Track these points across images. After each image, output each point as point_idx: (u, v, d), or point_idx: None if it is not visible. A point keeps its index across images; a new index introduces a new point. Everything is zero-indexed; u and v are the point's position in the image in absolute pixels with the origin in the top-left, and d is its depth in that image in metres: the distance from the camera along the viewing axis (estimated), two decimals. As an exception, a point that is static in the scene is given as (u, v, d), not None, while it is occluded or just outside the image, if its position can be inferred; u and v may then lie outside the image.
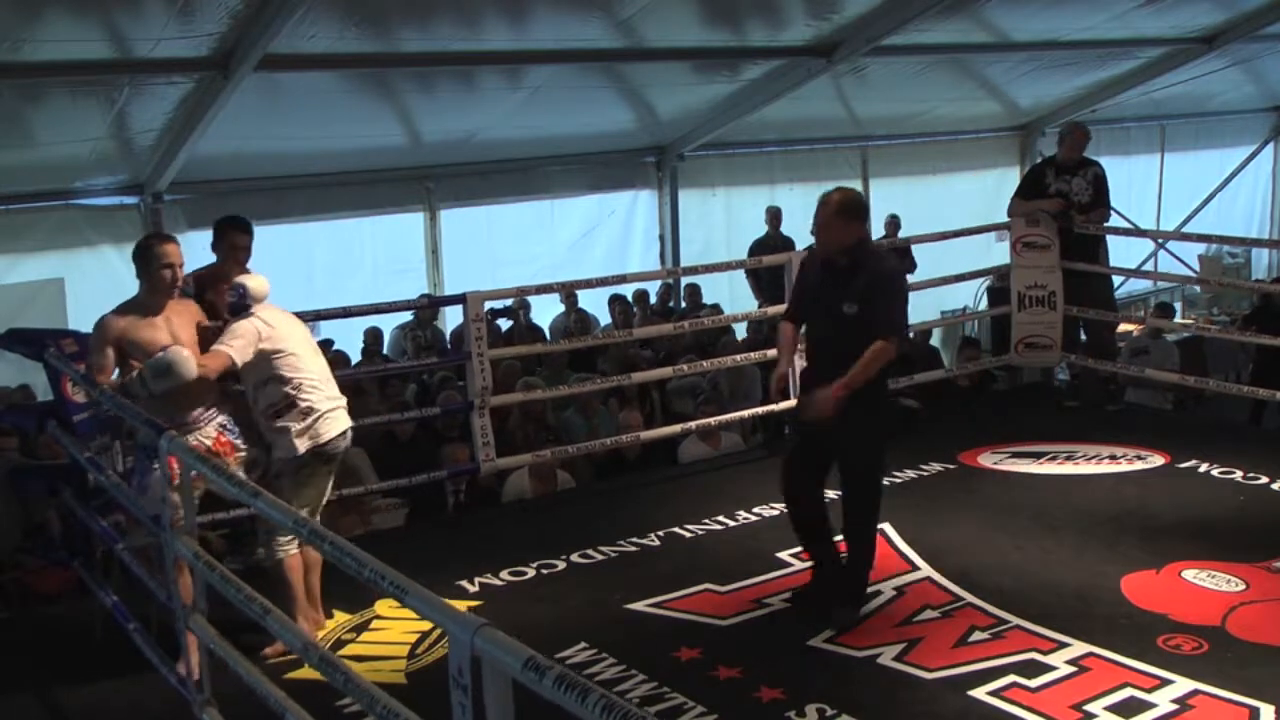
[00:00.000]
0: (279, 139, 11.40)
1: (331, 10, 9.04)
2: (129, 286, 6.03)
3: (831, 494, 6.34)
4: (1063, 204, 9.83)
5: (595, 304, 13.41)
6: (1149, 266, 15.60)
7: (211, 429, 5.92)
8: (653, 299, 13.57)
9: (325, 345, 11.03)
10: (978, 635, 6.04)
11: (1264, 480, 8.16)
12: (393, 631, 6.30)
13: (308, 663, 4.14)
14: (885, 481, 6.85)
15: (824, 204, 6.06)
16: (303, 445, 6.02)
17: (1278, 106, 19.52)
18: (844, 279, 6.01)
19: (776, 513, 7.85)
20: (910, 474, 8.52)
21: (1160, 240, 15.20)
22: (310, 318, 8.39)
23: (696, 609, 6.50)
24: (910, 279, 13.09)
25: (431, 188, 13.17)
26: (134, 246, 6.05)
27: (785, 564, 7.01)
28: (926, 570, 6.82)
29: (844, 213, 6.01)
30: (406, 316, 12.50)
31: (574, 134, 13.24)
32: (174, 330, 5.93)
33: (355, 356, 11.40)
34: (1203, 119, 18.69)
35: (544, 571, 7.08)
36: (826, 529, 6.37)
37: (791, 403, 7.26)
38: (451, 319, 12.60)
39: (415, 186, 13.14)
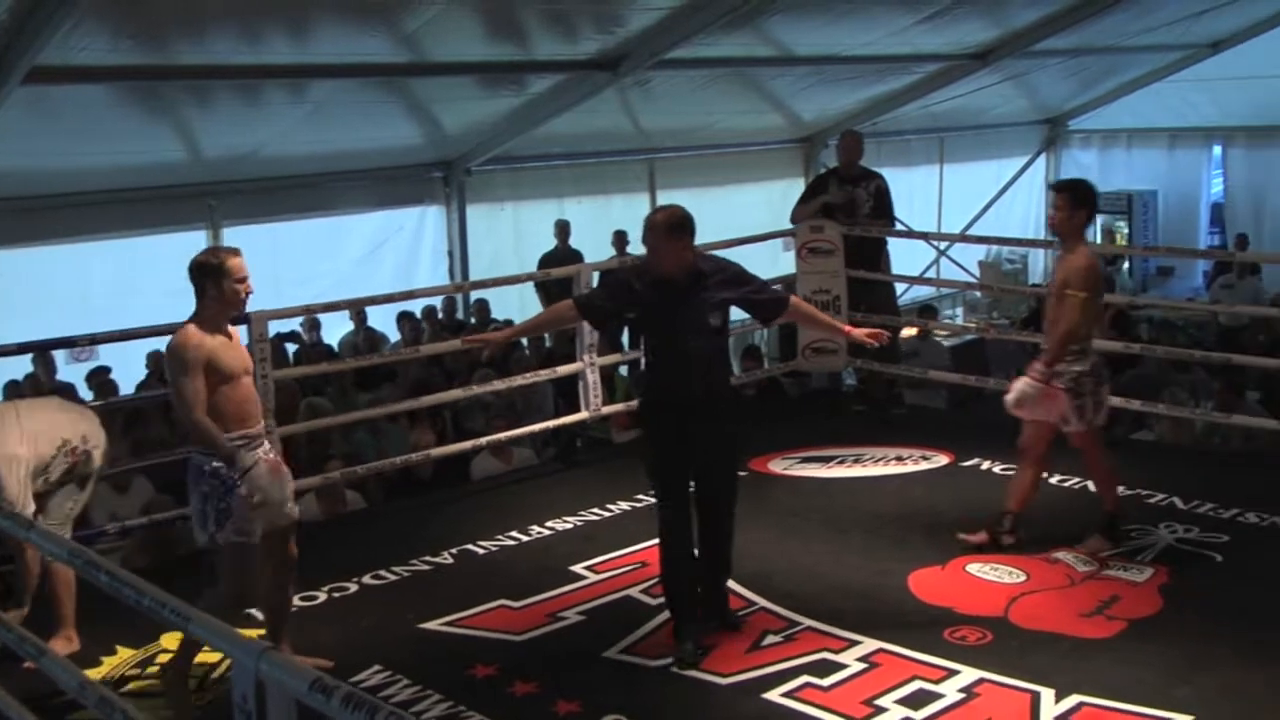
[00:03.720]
0: (51, 155, 10.94)
1: (103, 22, 8.73)
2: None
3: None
4: (846, 196, 10.02)
5: (385, 322, 13.24)
6: (931, 273, 15.99)
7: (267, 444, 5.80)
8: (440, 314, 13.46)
9: (102, 372, 10.75)
10: (770, 639, 6.11)
11: (1042, 475, 8.40)
12: (179, 665, 6.11)
13: (85, 703, 3.97)
14: None
15: (650, 226, 5.98)
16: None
17: (1048, 119, 20.28)
18: (693, 293, 5.98)
19: (570, 526, 7.87)
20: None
21: (940, 245, 15.59)
22: (85, 342, 8.15)
23: (491, 625, 6.44)
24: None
25: (214, 205, 12.78)
26: (195, 261, 5.67)
27: (579, 577, 7.00)
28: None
29: (673, 231, 5.93)
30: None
31: (360, 149, 13.03)
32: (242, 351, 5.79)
33: (134, 383, 11.05)
34: (979, 131, 19.28)
35: (335, 595, 6.93)
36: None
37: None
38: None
39: (197, 204, 12.72)
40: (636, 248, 10.26)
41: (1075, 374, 6.74)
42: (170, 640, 6.19)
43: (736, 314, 6.42)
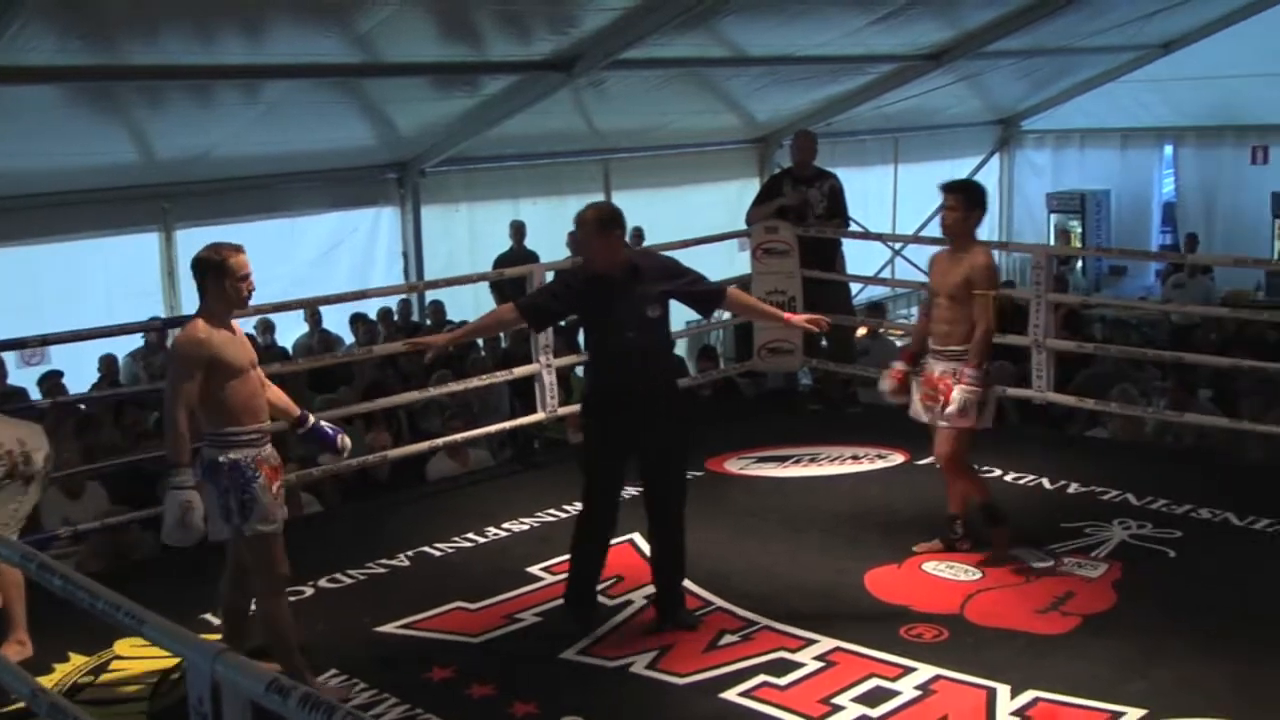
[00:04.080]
0: (0, 157, 10.86)
1: (52, 22, 8.66)
2: None
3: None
4: (800, 198, 10.05)
5: (341, 325, 13.17)
6: (886, 273, 16.05)
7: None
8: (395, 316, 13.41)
9: (54, 376, 10.63)
10: (728, 639, 6.10)
11: (997, 472, 8.46)
12: (133, 672, 6.03)
13: (37, 711, 3.92)
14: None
15: (581, 223, 6.07)
16: None
17: (1002, 120, 20.40)
18: (629, 287, 6.03)
19: (526, 527, 7.84)
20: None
21: (895, 245, 15.65)
22: (36, 343, 8.06)
23: (448, 628, 6.41)
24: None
25: (167, 207, 12.70)
26: (196, 257, 5.60)
27: (536, 578, 6.98)
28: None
29: (603, 227, 6.01)
30: (140, 342, 12.08)
31: (314, 150, 12.98)
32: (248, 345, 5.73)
33: (86, 386, 10.94)
34: (933, 131, 19.37)
35: (291, 599, 6.82)
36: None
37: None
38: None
39: (149, 206, 12.65)
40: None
41: (981, 373, 6.72)
42: (124, 646, 6.15)
43: (694, 312, 6.45)
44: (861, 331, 12.34)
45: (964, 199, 6.79)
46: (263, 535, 5.56)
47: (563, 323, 8.40)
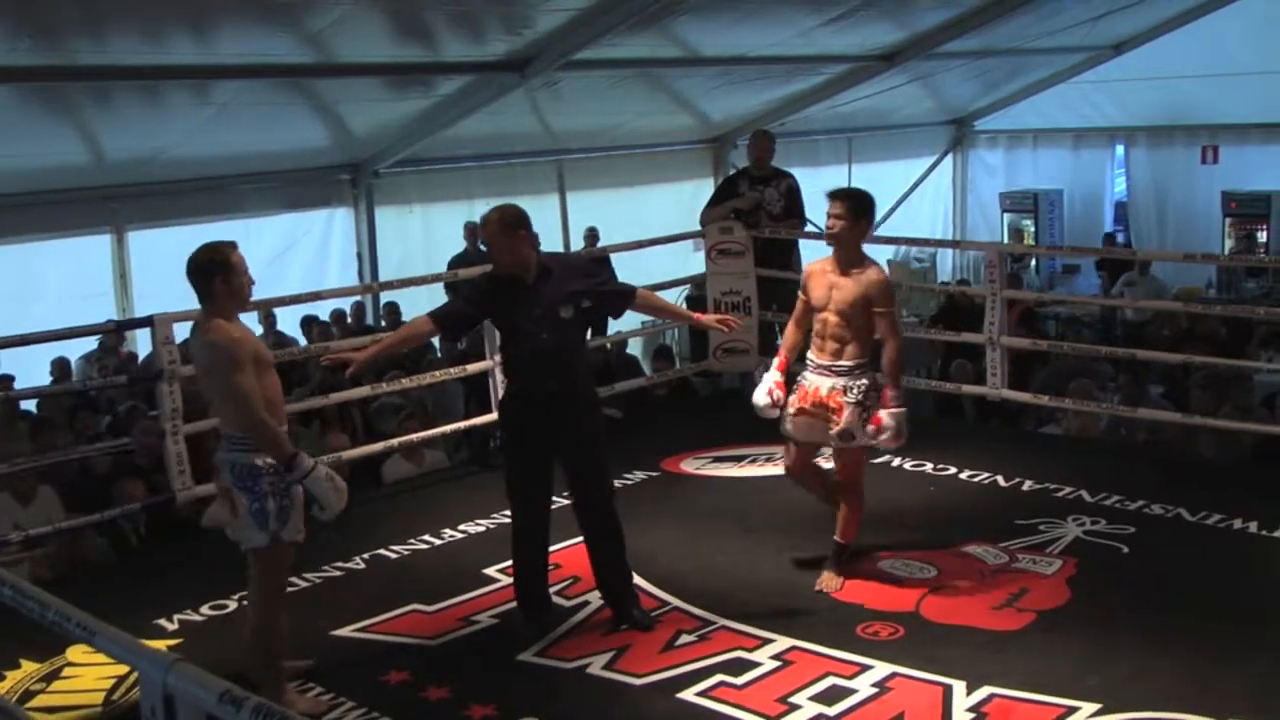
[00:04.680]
0: (-55, 158, 10.75)
1: (1, 21, 8.57)
2: None
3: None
4: (754, 201, 10.07)
5: (295, 327, 13.09)
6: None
7: None
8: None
9: (5, 381, 10.50)
10: (685, 638, 6.11)
11: (952, 470, 8.52)
12: (86, 678, 5.98)
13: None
14: None
15: (485, 224, 6.14)
16: None
17: (955, 120, 20.49)
18: (540, 288, 6.07)
19: (483, 529, 7.83)
20: (614, 483, 8.54)
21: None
22: (-14, 346, 7.98)
23: (404, 630, 6.40)
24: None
25: (117, 209, 12.58)
26: (197, 259, 5.47)
27: (492, 580, 6.97)
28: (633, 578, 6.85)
29: (507, 229, 6.02)
30: (93, 345, 11.97)
31: (266, 151, 12.89)
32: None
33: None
34: (887, 132, 19.43)
35: (245, 603, 6.80)
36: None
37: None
38: (146, 346, 12.08)
39: (100, 207, 12.51)
40: (543, 247, 10.23)
41: (864, 387, 6.47)
42: (77, 653, 6.09)
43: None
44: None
45: (850, 207, 6.45)
46: (286, 546, 5.54)
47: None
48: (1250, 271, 17.03)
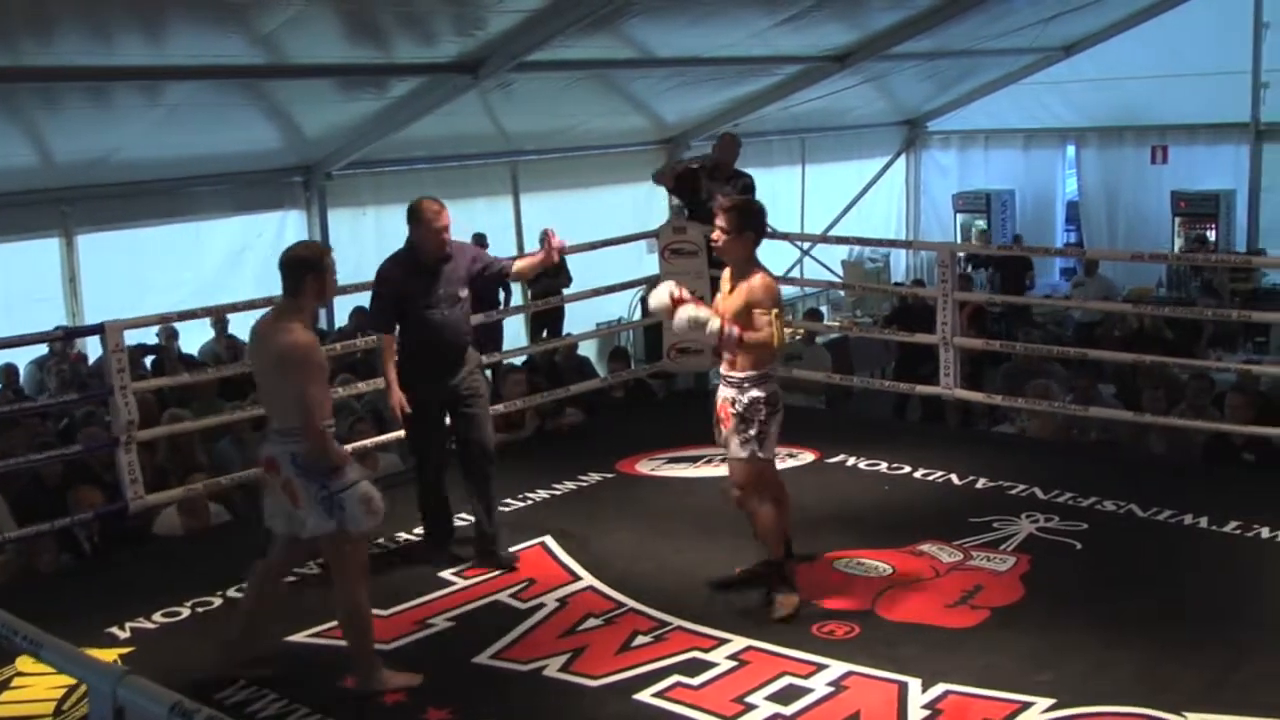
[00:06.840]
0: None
1: (-56, 22, 8.49)
2: None
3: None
4: (701, 163, 10.20)
5: (246, 331, 12.98)
6: (795, 273, 16.12)
7: None
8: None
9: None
10: (640, 639, 6.10)
11: (907, 469, 8.55)
12: (37, 688, 5.88)
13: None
14: (545, 494, 7.85)
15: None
16: None
17: (908, 120, 20.60)
18: (439, 272, 7.05)
19: (438, 531, 7.77)
20: (570, 485, 8.53)
21: (804, 245, 15.72)
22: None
23: (359, 634, 6.34)
24: (565, 291, 13.28)
25: (67, 211, 12.43)
26: (296, 253, 5.54)
27: (448, 583, 6.93)
28: (589, 580, 6.86)
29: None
30: (43, 351, 11.85)
31: (218, 153, 12.78)
32: None
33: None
34: (840, 132, 19.54)
35: (200, 610, 6.76)
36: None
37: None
38: (97, 349, 11.96)
39: (49, 210, 12.34)
40: (496, 249, 10.22)
41: (751, 400, 6.28)
42: (26, 663, 6.01)
43: (607, 314, 6.47)
44: (799, 335, 12.42)
45: (733, 219, 6.30)
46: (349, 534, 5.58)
47: None
48: (1197, 270, 17.18)
